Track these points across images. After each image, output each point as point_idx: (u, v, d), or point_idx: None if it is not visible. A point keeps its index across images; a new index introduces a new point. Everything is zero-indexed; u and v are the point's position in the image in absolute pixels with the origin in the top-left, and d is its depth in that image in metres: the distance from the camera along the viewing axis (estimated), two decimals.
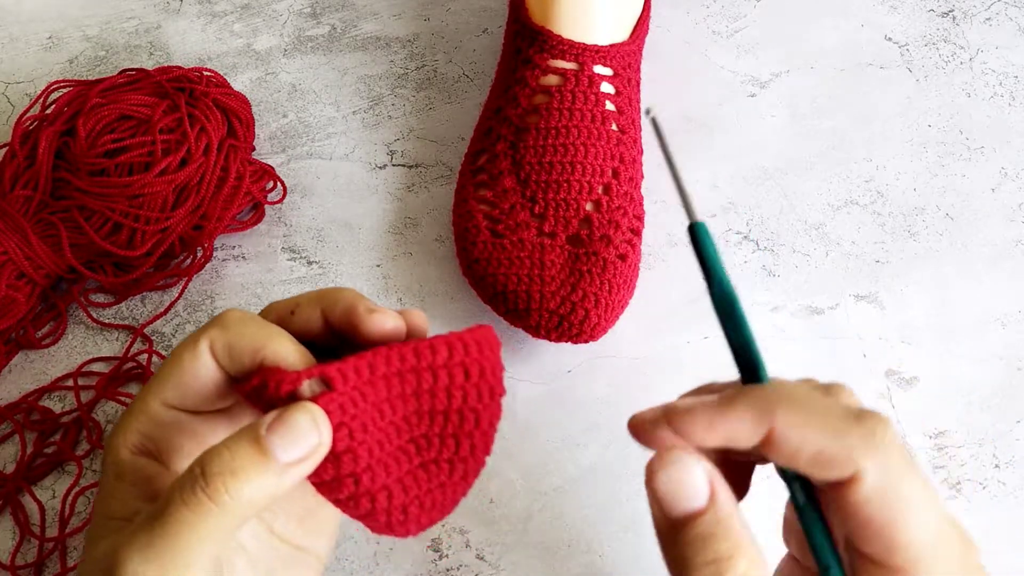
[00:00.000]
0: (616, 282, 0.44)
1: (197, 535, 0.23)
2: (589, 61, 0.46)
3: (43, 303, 0.49)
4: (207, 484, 0.23)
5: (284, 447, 0.23)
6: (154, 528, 0.23)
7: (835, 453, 0.23)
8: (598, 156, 0.45)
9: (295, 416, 0.23)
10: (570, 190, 0.45)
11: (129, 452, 0.27)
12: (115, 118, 0.47)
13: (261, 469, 0.23)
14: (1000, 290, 0.47)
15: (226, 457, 0.23)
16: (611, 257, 0.44)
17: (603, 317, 0.43)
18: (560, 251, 0.44)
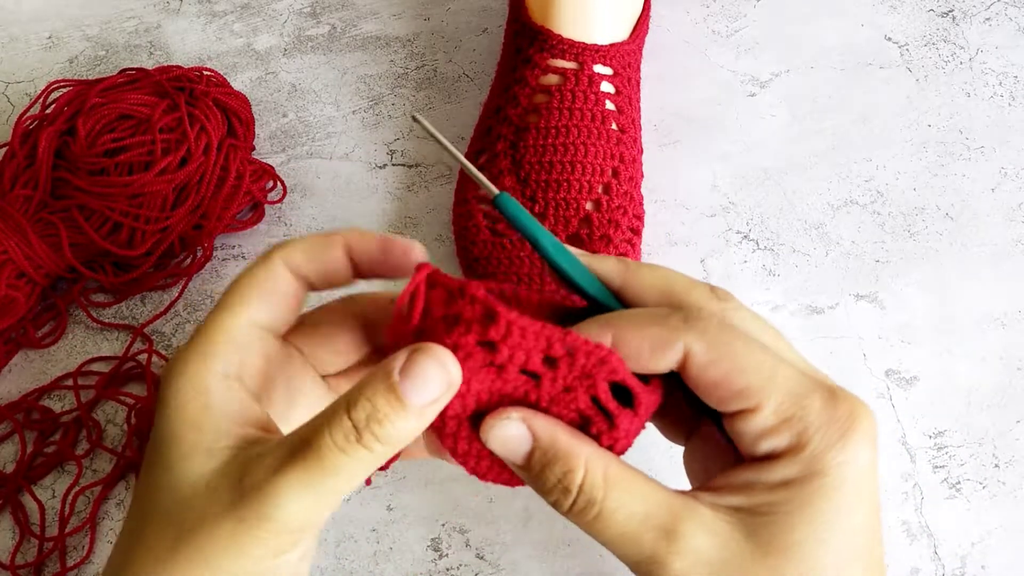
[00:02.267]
0: None
1: (349, 478, 0.24)
2: (589, 60, 0.46)
3: (43, 303, 0.49)
4: (360, 436, 0.24)
5: (416, 391, 0.24)
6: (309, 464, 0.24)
7: (663, 339, 0.26)
8: (598, 155, 0.45)
9: (423, 361, 0.24)
10: (570, 189, 0.45)
11: (217, 378, 0.26)
12: (115, 118, 0.47)
13: (401, 414, 0.24)
14: (1000, 290, 0.47)
15: (368, 408, 0.24)
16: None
17: None
18: None
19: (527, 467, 0.27)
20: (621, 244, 0.45)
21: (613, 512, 0.26)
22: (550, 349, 0.26)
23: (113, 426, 0.45)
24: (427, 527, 0.42)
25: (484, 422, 0.27)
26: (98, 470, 0.44)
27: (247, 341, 0.27)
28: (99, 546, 0.42)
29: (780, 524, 0.25)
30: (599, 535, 0.26)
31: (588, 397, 0.27)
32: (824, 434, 0.25)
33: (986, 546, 0.41)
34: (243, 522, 0.23)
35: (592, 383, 0.27)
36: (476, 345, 0.26)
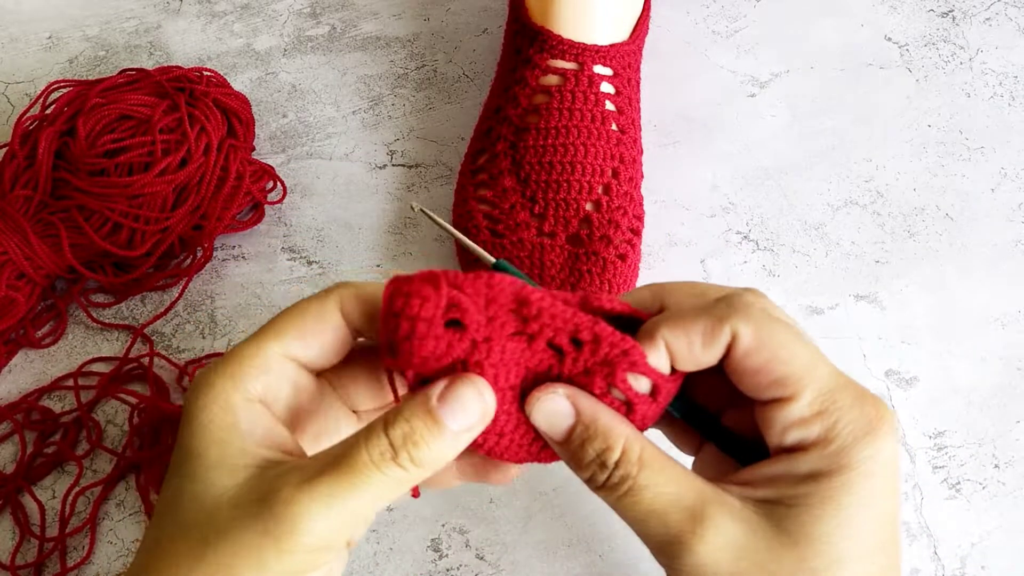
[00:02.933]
0: (616, 282, 0.44)
1: (377, 496, 0.25)
2: (589, 61, 0.46)
3: (43, 303, 0.49)
4: (396, 455, 0.24)
5: (454, 416, 0.25)
6: (339, 480, 0.24)
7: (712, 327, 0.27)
8: (598, 156, 0.45)
9: (461, 389, 0.26)
10: (570, 190, 0.45)
11: (245, 400, 0.26)
12: (115, 118, 0.47)
13: (437, 437, 0.25)
14: (1000, 290, 0.47)
15: (405, 429, 0.25)
16: (611, 257, 0.44)
17: None
18: (560, 251, 0.44)
19: (566, 441, 0.27)
20: (621, 244, 0.45)
21: (644, 489, 0.26)
22: (578, 332, 0.28)
23: (113, 426, 0.45)
24: (427, 527, 0.42)
25: (530, 396, 0.28)
26: (98, 470, 0.44)
27: (277, 370, 0.27)
28: (99, 546, 0.42)
29: (807, 515, 0.26)
30: (628, 511, 0.27)
31: (605, 384, 0.28)
32: (852, 430, 0.26)
33: (986, 546, 0.41)
34: (267, 535, 0.23)
35: (611, 371, 0.28)
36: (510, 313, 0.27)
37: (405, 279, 0.25)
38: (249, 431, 0.26)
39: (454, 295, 0.26)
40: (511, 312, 0.27)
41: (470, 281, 0.27)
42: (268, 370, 0.27)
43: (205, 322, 0.48)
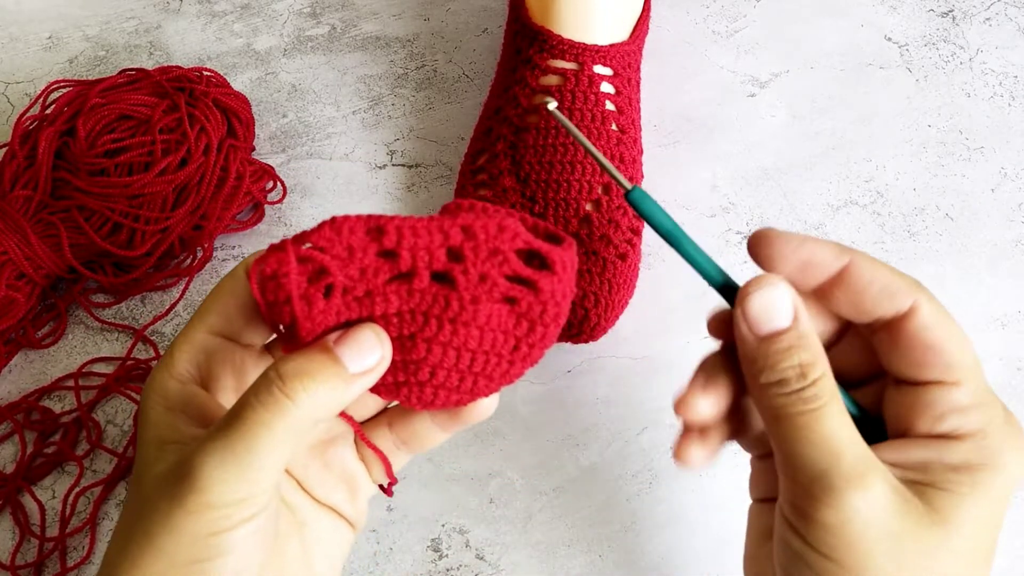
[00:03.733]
0: (616, 282, 0.44)
1: (272, 433, 0.24)
2: (589, 61, 0.46)
3: (43, 303, 0.49)
4: (284, 384, 0.24)
5: (352, 358, 0.25)
6: (229, 432, 0.24)
7: (899, 287, 0.27)
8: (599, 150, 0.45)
9: (362, 332, 0.26)
10: (570, 190, 0.45)
11: (176, 382, 0.27)
12: (115, 118, 0.47)
13: (333, 374, 0.25)
14: (1000, 290, 0.47)
15: (301, 362, 0.25)
16: (611, 257, 0.44)
17: (603, 317, 0.43)
18: None
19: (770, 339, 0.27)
20: (621, 244, 0.45)
21: (831, 417, 0.26)
22: (448, 239, 0.26)
23: (113, 426, 0.45)
24: (427, 527, 0.42)
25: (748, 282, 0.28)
26: (98, 470, 0.44)
27: (207, 350, 0.28)
28: (99, 546, 0.42)
29: (956, 500, 0.26)
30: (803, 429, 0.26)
31: (504, 278, 0.27)
32: (1003, 433, 0.27)
33: None
34: (174, 499, 0.24)
35: (503, 259, 0.26)
36: (377, 257, 0.26)
37: (258, 259, 0.26)
38: (181, 411, 0.27)
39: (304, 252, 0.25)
40: (377, 256, 0.26)
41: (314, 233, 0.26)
42: (197, 351, 0.27)
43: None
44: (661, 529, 0.41)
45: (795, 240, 0.28)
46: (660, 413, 0.44)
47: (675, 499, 0.42)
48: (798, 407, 0.26)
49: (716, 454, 0.31)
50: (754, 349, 0.27)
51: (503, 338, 0.28)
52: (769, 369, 0.27)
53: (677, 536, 0.41)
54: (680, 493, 0.42)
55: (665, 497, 0.42)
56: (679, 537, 0.41)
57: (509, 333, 0.28)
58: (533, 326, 0.28)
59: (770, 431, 0.27)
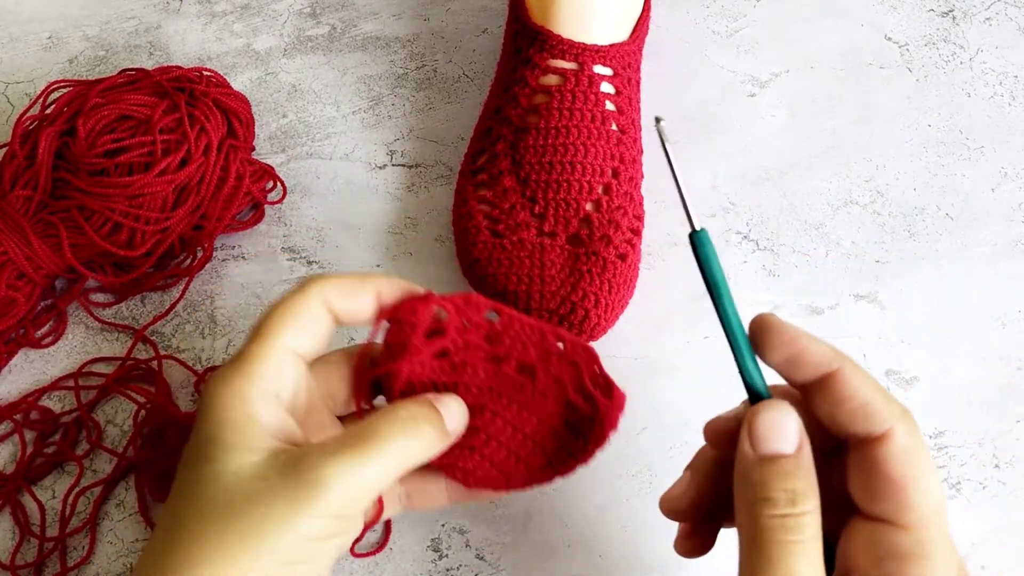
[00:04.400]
0: (616, 282, 0.44)
1: (393, 464, 0.28)
2: (589, 61, 0.46)
3: (43, 303, 0.49)
4: (405, 428, 0.29)
5: (451, 419, 0.30)
6: (365, 451, 0.27)
7: (878, 409, 0.27)
8: (598, 156, 0.45)
9: (453, 401, 0.31)
10: (570, 190, 0.45)
11: (258, 392, 0.28)
12: (115, 118, 0.47)
13: (437, 424, 0.30)
14: (1000, 290, 0.47)
15: (414, 410, 0.29)
16: (611, 257, 0.44)
17: (603, 317, 0.43)
18: (560, 251, 0.44)
19: (766, 461, 0.27)
20: (621, 244, 0.45)
21: (805, 557, 0.26)
22: (544, 341, 0.33)
23: (113, 426, 0.45)
24: (427, 527, 0.42)
25: (767, 405, 0.28)
26: (98, 470, 0.44)
27: (284, 366, 0.29)
28: (99, 547, 0.42)
29: None
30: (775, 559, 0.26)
31: (572, 388, 0.33)
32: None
33: (986, 546, 0.41)
34: (296, 499, 0.25)
35: (578, 372, 0.33)
36: (484, 337, 0.32)
37: (395, 305, 0.31)
38: (264, 423, 0.27)
39: (436, 312, 0.32)
40: (483, 338, 0.32)
41: (449, 299, 0.32)
42: (277, 366, 0.28)
43: (205, 322, 0.48)
44: (661, 529, 0.41)
45: (789, 333, 0.28)
46: (660, 413, 0.44)
47: None
48: (779, 534, 0.26)
49: (709, 544, 0.32)
50: (751, 465, 0.27)
51: (551, 437, 0.34)
52: (761, 486, 0.26)
53: None
54: None
55: None
56: None
57: (558, 434, 0.34)
58: (577, 436, 0.35)
59: (743, 550, 0.26)
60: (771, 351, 0.28)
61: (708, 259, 0.29)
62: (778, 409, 0.27)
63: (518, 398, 0.33)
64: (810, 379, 0.28)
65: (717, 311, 0.29)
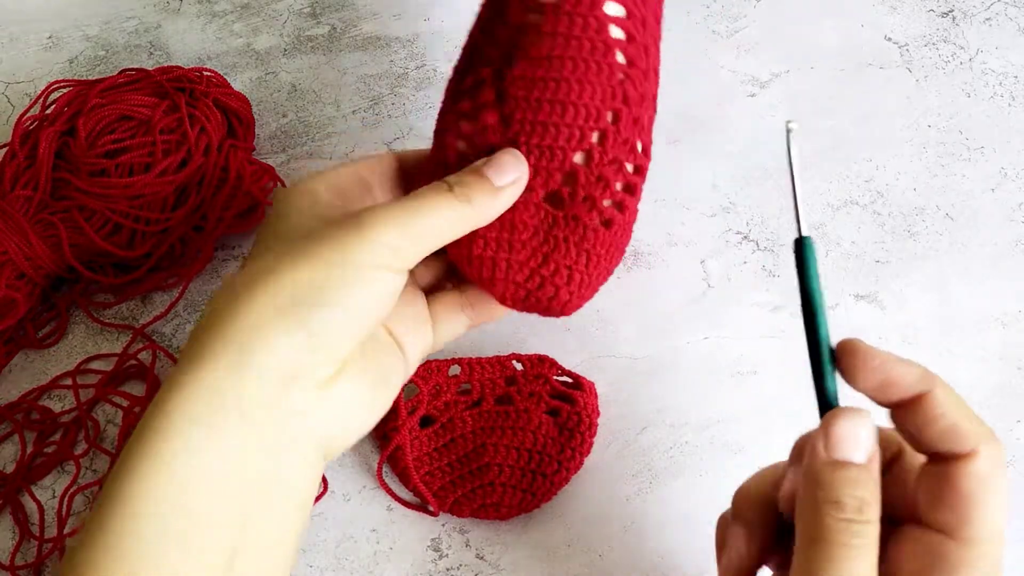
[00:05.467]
0: (597, 252, 0.38)
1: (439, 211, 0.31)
2: None
3: (43, 303, 0.49)
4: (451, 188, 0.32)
5: (497, 175, 0.33)
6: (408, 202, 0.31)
7: (968, 430, 0.27)
8: (595, 95, 0.37)
9: (503, 155, 0.34)
10: (557, 136, 0.36)
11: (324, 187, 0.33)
12: (115, 118, 0.47)
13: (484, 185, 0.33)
14: (1000, 290, 0.47)
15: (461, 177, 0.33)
16: (593, 223, 0.37)
17: (576, 294, 0.38)
18: (535, 211, 0.37)
19: (842, 466, 0.27)
20: (607, 209, 0.37)
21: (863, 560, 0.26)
22: (505, 371, 0.43)
23: (113, 426, 0.45)
24: (427, 527, 0.42)
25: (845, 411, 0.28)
26: (98, 470, 0.44)
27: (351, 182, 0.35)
28: None
29: None
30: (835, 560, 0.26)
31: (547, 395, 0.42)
32: None
33: None
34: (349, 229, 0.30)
35: (545, 380, 0.43)
36: (456, 393, 0.43)
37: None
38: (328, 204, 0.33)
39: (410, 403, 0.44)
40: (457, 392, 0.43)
41: (415, 375, 0.43)
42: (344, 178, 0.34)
43: None
44: (661, 529, 0.41)
45: (879, 359, 0.28)
46: (660, 413, 0.44)
47: (675, 499, 0.42)
48: (843, 537, 0.26)
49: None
50: (822, 467, 0.27)
51: (551, 443, 0.42)
52: (832, 489, 0.27)
53: (677, 536, 0.41)
54: (680, 493, 0.42)
55: (665, 497, 0.42)
56: (679, 537, 0.41)
57: (555, 438, 0.42)
58: (572, 433, 0.42)
59: (802, 547, 0.27)
60: (861, 378, 0.28)
61: (809, 267, 0.30)
62: (857, 417, 0.28)
63: (508, 424, 0.41)
64: (899, 400, 0.28)
65: (806, 320, 0.30)
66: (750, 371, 0.45)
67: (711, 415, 0.44)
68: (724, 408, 0.44)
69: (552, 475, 0.41)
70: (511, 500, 0.41)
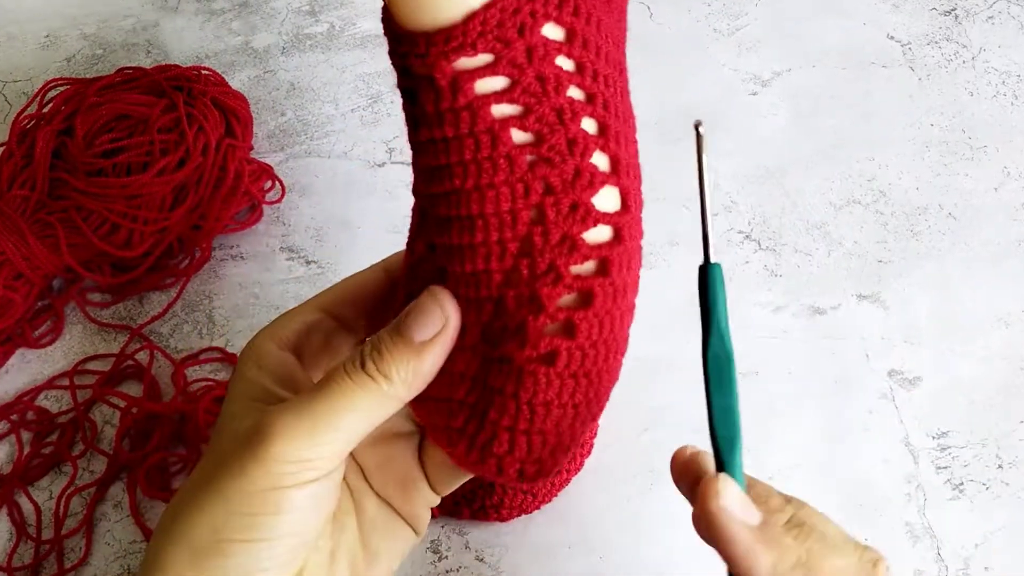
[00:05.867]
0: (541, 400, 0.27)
1: (350, 403, 0.26)
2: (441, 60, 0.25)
3: (40, 303, 0.48)
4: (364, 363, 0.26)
5: (418, 326, 0.26)
6: (311, 397, 0.26)
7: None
8: (504, 199, 0.26)
9: (423, 300, 0.27)
10: (475, 258, 0.27)
11: (275, 346, 0.29)
12: (113, 117, 0.47)
13: (400, 346, 0.26)
14: (1003, 289, 0.47)
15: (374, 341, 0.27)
16: (529, 363, 0.26)
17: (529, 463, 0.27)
18: (472, 357, 0.27)
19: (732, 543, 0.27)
20: (548, 338, 0.26)
21: None
22: None
23: (111, 427, 0.45)
24: (427, 529, 0.41)
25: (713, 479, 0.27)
26: (95, 471, 0.44)
27: (314, 324, 0.30)
28: (96, 548, 0.42)
29: None
30: None
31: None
32: None
33: (989, 547, 0.40)
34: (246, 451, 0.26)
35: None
36: None
37: None
38: (273, 373, 0.29)
39: None
40: None
41: None
42: (305, 324, 0.30)
43: (203, 322, 0.48)
44: (661, 530, 0.41)
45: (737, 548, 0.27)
46: (660, 414, 0.44)
47: (676, 500, 0.42)
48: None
49: None
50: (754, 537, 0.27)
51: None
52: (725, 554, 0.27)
53: (677, 537, 0.41)
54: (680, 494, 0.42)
55: (666, 498, 0.42)
56: (679, 538, 0.41)
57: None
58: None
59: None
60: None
61: (716, 298, 0.26)
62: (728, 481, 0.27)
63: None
64: None
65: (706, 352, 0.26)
66: (752, 371, 0.45)
67: None
68: None
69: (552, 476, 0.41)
70: (511, 501, 0.40)
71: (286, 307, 0.48)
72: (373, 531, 0.31)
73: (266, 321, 0.49)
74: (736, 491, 0.27)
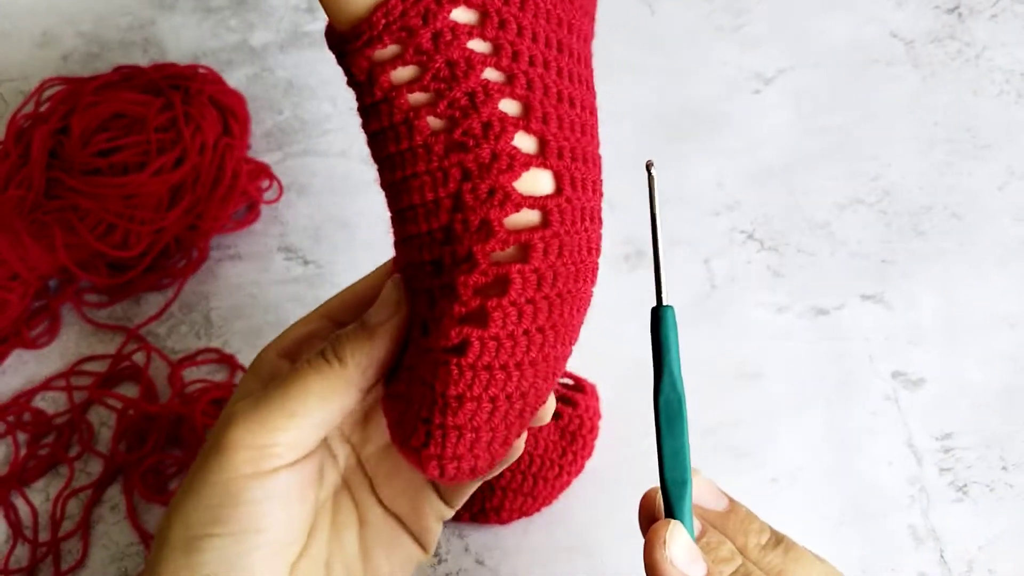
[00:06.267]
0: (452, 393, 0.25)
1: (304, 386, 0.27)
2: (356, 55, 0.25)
3: (36, 303, 0.48)
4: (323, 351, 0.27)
5: (374, 313, 0.27)
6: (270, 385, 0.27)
7: None
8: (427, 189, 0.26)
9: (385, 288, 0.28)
10: (412, 248, 0.27)
11: (274, 355, 0.30)
12: (109, 116, 0.47)
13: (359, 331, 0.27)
14: (1008, 290, 0.47)
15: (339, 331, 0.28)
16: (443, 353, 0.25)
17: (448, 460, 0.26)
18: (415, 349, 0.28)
19: None
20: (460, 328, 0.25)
21: None
22: None
23: (107, 428, 0.45)
24: None
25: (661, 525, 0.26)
26: (92, 473, 0.43)
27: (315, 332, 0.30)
28: (94, 550, 0.42)
29: None
30: None
31: None
32: None
33: (993, 550, 0.40)
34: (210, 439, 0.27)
35: None
36: None
37: None
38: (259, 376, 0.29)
39: None
40: None
41: None
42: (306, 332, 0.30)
43: (200, 323, 0.47)
44: None
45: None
46: None
47: None
48: None
49: None
50: None
51: (553, 449, 0.40)
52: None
53: None
54: None
55: None
56: None
57: (558, 443, 0.40)
58: (574, 437, 0.40)
59: None
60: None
61: (667, 341, 0.26)
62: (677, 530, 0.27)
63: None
64: None
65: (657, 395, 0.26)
66: (755, 373, 0.44)
67: (716, 418, 0.43)
68: (729, 411, 0.44)
69: (553, 479, 0.40)
70: (511, 504, 0.40)
71: (283, 307, 0.48)
72: (376, 545, 0.30)
73: (264, 321, 0.49)
74: (683, 540, 0.26)
